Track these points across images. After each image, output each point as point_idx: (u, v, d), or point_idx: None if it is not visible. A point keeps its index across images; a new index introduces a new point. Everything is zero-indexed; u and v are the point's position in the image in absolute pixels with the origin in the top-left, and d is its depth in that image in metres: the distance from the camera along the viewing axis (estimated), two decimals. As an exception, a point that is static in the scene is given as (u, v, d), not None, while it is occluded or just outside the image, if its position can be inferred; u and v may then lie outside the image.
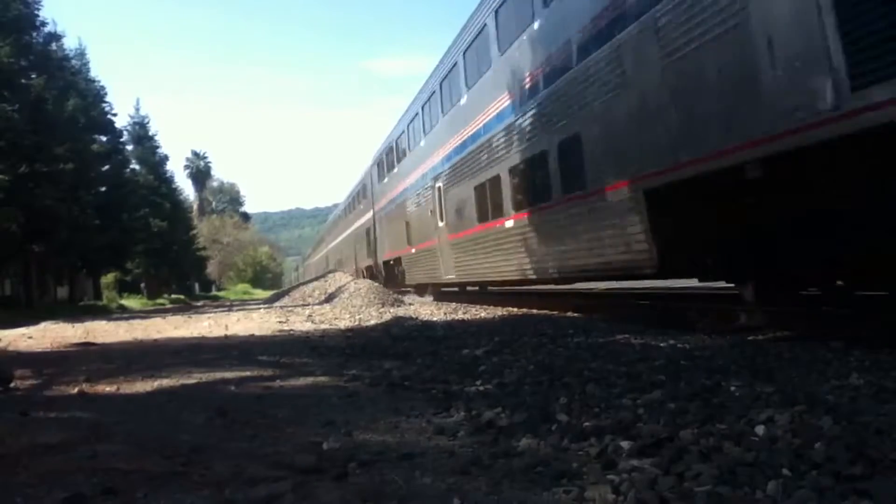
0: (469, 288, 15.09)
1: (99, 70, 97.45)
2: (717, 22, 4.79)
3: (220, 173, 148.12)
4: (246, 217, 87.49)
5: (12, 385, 4.46)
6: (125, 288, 39.00)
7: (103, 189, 29.05)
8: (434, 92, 13.52)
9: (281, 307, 15.80)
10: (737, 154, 4.76)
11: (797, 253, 5.12)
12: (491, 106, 10.04)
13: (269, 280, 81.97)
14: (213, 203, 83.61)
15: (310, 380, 4.25)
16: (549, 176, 8.09)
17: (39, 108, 21.60)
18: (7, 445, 2.77)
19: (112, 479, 2.18)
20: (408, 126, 16.30)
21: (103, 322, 13.03)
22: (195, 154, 73.87)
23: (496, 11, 9.72)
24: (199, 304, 34.61)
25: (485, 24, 10.23)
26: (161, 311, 21.20)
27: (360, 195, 24.55)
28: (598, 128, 6.89)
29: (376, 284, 16.90)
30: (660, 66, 5.55)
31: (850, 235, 4.53)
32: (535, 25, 8.19)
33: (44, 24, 24.32)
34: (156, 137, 42.00)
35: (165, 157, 43.19)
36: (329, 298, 16.65)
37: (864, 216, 4.36)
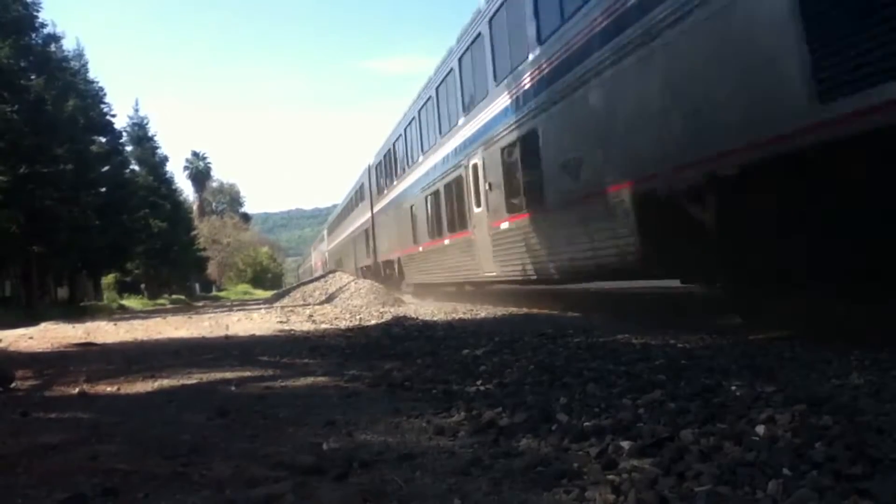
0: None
1: (98, 71, 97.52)
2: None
3: (220, 174, 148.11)
4: (246, 218, 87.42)
5: (13, 385, 4.47)
6: (125, 288, 39.01)
7: (103, 190, 28.94)
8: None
9: (281, 307, 15.81)
10: None
11: None
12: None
13: (269, 280, 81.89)
14: (213, 204, 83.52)
15: (310, 380, 4.25)
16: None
17: (39, 109, 21.59)
18: (7, 446, 2.78)
19: (112, 480, 2.18)
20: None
21: (104, 322, 13.04)
22: (195, 155, 73.84)
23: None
24: (200, 304, 34.62)
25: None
26: (161, 312, 21.20)
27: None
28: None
29: (377, 284, 16.96)
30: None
31: None
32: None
33: (43, 25, 24.32)
34: (155, 138, 41.93)
35: (165, 158, 43.15)
36: (329, 298, 16.67)
37: None
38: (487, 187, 10.60)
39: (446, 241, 13.40)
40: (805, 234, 4.49)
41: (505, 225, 9.88)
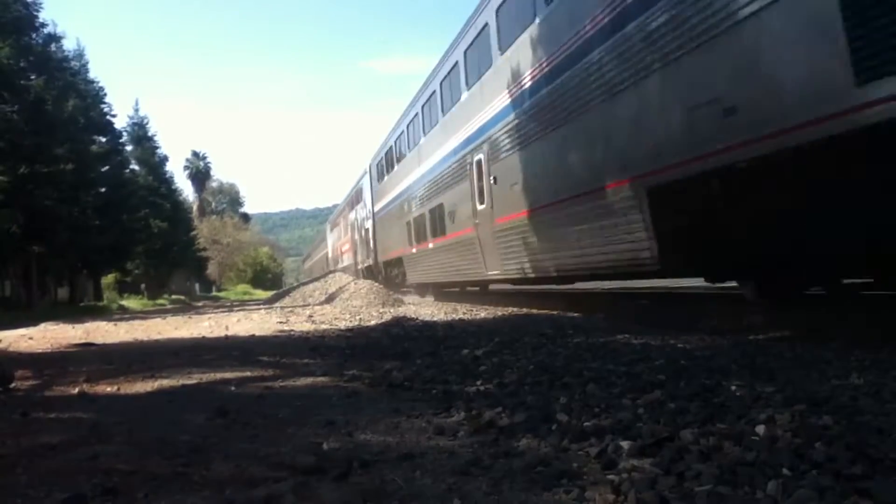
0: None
1: (98, 71, 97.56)
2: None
3: (220, 174, 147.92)
4: (246, 218, 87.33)
5: (13, 385, 4.47)
6: (125, 289, 38.99)
7: (103, 190, 28.95)
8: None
9: (281, 308, 15.81)
10: None
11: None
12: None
13: (269, 280, 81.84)
14: (213, 204, 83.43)
15: (310, 380, 4.25)
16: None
17: (39, 109, 21.59)
18: (7, 446, 2.78)
19: (112, 480, 2.18)
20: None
21: (103, 323, 13.03)
22: (195, 154, 73.58)
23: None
24: (200, 304, 34.63)
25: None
26: (161, 312, 21.18)
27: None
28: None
29: (377, 285, 16.97)
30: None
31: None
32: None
33: (43, 25, 24.34)
34: (155, 138, 41.92)
35: (165, 158, 43.10)
36: (329, 299, 16.67)
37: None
38: None
39: None
40: None
41: None
